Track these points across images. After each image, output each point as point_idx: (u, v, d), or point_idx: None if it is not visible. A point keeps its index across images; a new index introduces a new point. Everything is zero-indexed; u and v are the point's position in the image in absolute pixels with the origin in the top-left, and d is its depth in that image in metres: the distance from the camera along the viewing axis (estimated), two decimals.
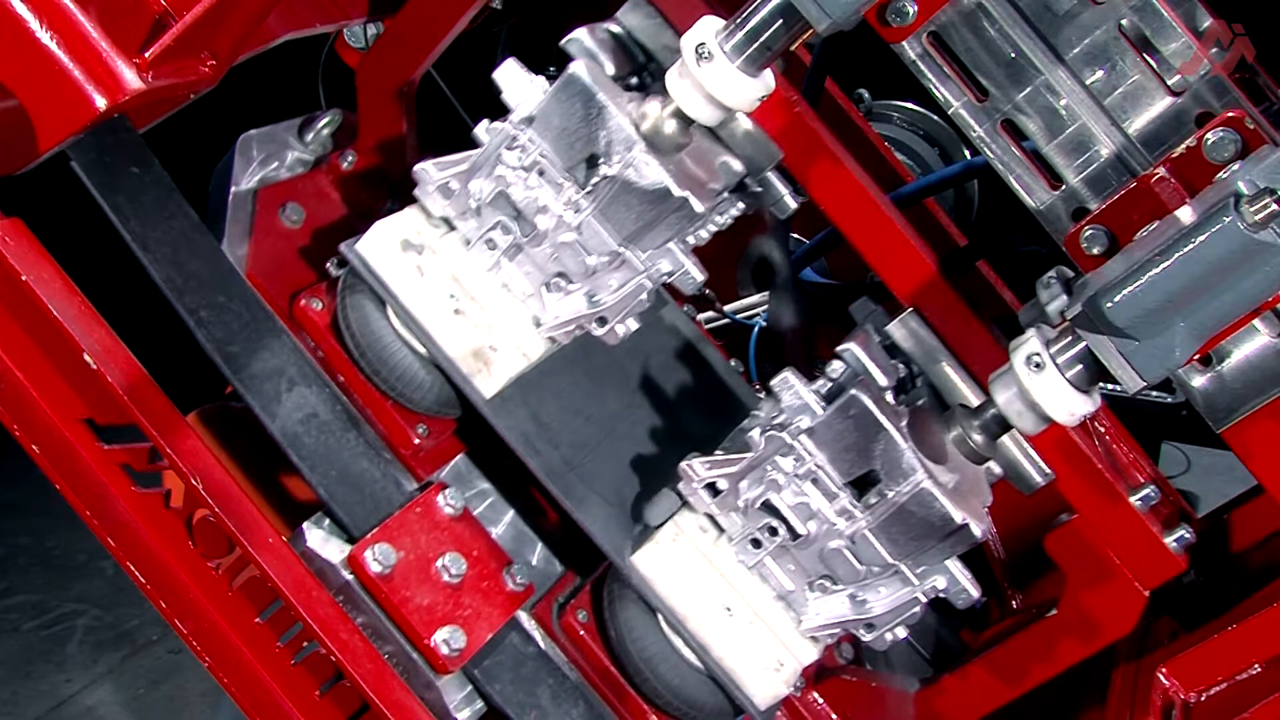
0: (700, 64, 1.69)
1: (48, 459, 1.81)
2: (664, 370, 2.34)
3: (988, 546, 2.62)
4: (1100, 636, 1.98)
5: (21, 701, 2.05)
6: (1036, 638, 2.03)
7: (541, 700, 1.89)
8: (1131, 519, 1.93)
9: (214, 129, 2.27)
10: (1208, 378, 1.85)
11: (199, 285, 1.87)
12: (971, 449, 1.82)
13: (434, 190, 1.95)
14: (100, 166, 1.83)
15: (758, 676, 1.94)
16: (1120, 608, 1.96)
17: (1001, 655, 2.07)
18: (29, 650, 2.34)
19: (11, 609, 2.33)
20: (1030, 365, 1.66)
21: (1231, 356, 1.82)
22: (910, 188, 2.38)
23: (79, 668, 2.41)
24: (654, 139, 1.75)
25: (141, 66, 1.71)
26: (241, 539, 1.70)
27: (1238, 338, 1.81)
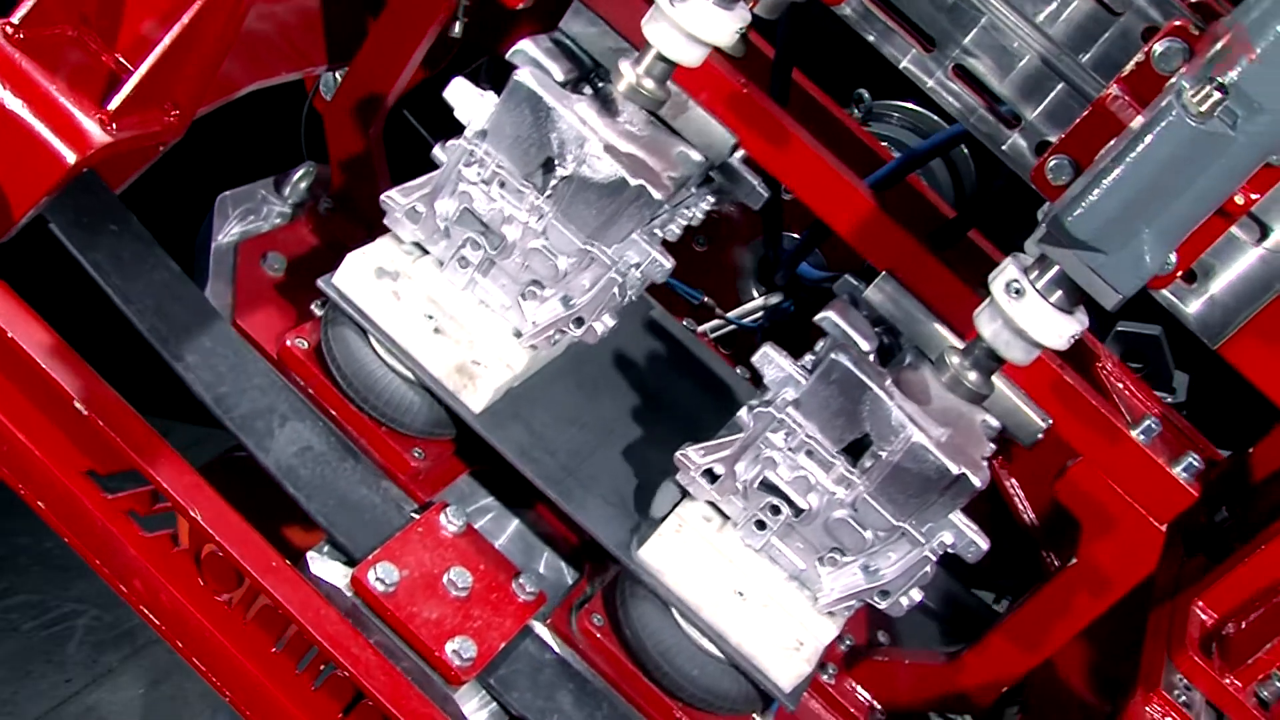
0: (675, 4, 1.70)
1: (54, 514, 1.84)
2: (658, 374, 2.35)
3: (1018, 513, 2.59)
4: (1123, 579, 1.95)
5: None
6: (1058, 590, 2.00)
7: (563, 705, 1.88)
8: (1135, 453, 1.90)
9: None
10: (1201, 301, 1.83)
11: (183, 333, 1.91)
12: (968, 389, 1.78)
13: (402, 216, 1.99)
14: (78, 226, 1.90)
15: (778, 658, 1.92)
16: (1139, 546, 1.92)
17: (1025, 615, 2.03)
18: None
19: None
20: (1010, 293, 1.64)
21: (1217, 271, 1.81)
22: (888, 167, 2.38)
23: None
24: (634, 97, 1.76)
25: (105, 120, 1.77)
26: (244, 565, 1.72)
27: (1221, 251, 1.79)
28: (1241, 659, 1.82)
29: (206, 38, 1.81)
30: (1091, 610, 1.98)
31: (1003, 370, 1.94)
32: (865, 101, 3.48)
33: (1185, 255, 1.68)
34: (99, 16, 1.84)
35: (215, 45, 1.83)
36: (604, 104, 1.95)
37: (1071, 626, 2.00)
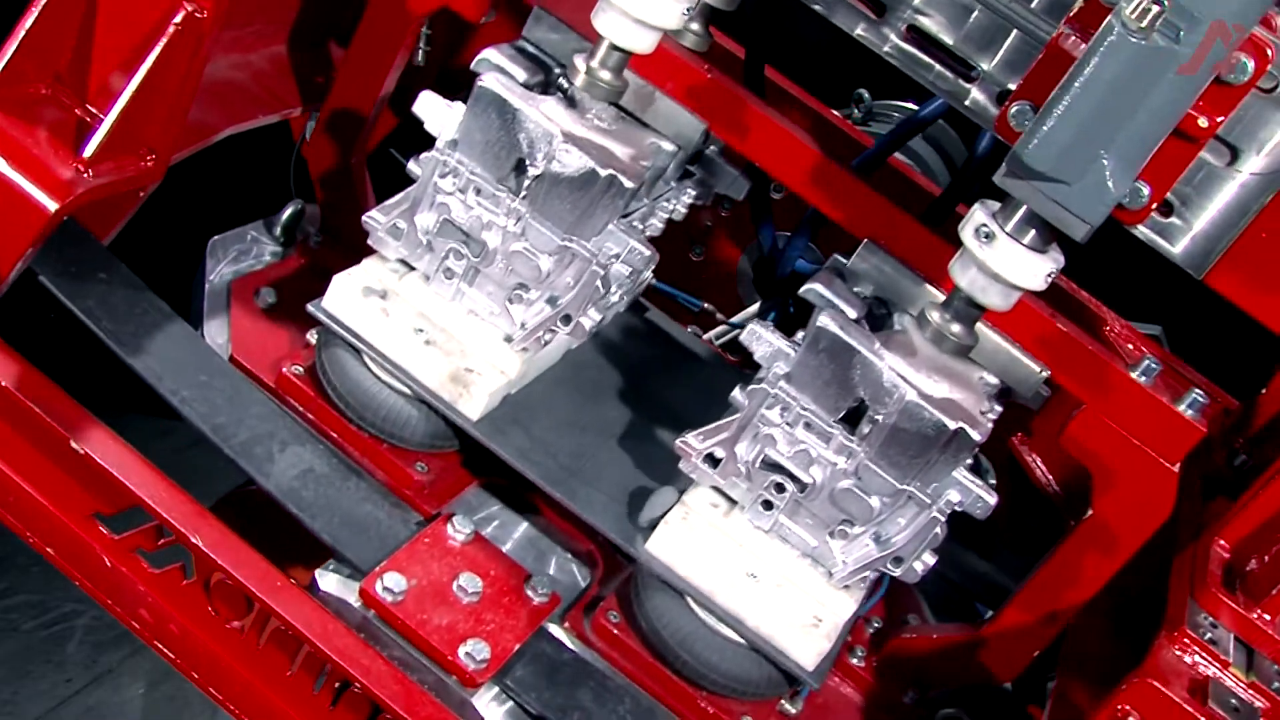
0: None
1: (64, 559, 1.87)
2: (658, 376, 2.35)
3: (1044, 486, 2.55)
4: (1140, 526, 1.91)
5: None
6: (1077, 545, 1.96)
7: (584, 702, 1.86)
8: (1138, 394, 1.87)
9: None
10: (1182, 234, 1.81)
11: (177, 369, 1.94)
12: (952, 341, 1.76)
13: (384, 235, 2.02)
14: (67, 276, 1.94)
15: (797, 636, 1.90)
16: (1152, 490, 1.89)
17: (1047, 574, 1.99)
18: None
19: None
20: (981, 237, 1.64)
21: (1193, 200, 1.78)
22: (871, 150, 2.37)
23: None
24: (593, 89, 1.78)
25: (81, 168, 1.83)
26: (248, 586, 1.73)
27: (1195, 179, 1.77)
28: (1265, 591, 1.78)
29: (169, 85, 1.86)
30: (1112, 562, 1.94)
31: (996, 327, 1.93)
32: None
33: (1157, 185, 1.67)
34: (70, 73, 1.90)
35: (179, 92, 1.87)
36: (570, 103, 1.97)
37: (1094, 580, 1.96)
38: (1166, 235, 1.83)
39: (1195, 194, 1.78)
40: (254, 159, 2.48)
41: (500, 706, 1.86)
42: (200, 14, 1.81)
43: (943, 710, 2.17)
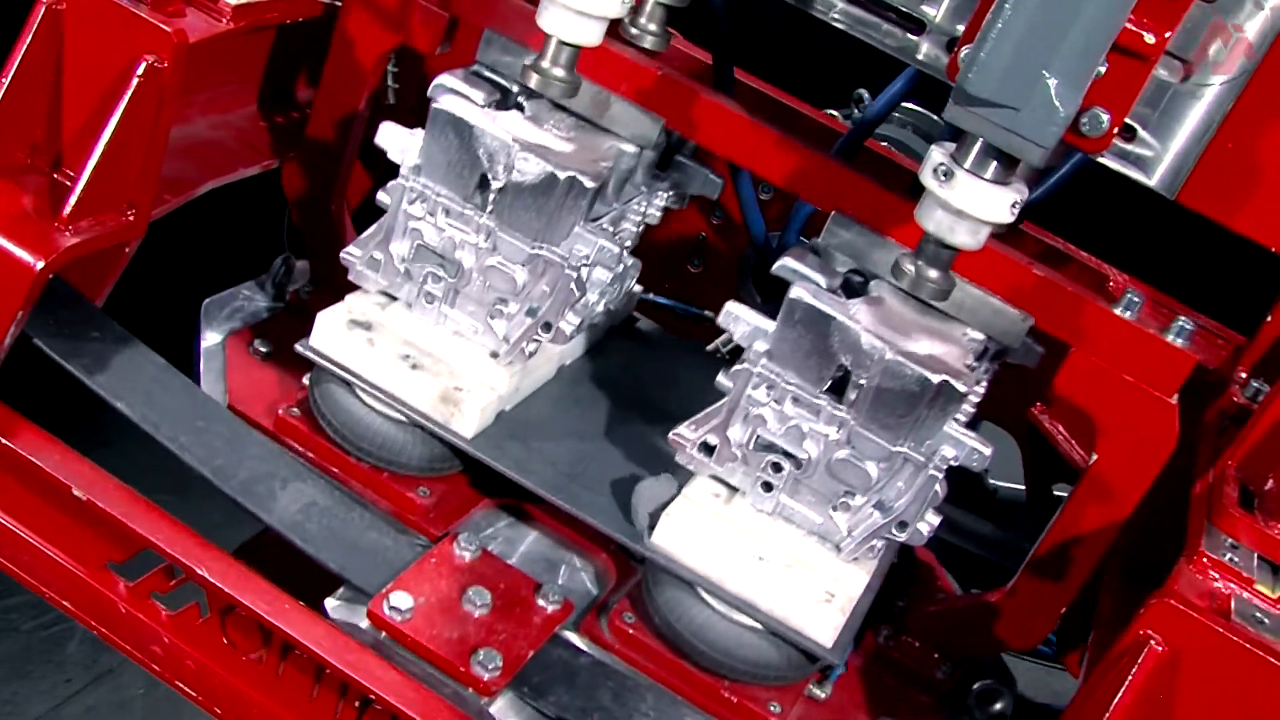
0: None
1: (83, 612, 1.89)
2: (655, 382, 2.36)
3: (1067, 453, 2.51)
4: (1146, 464, 1.87)
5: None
6: (1084, 494, 1.93)
7: (604, 702, 1.84)
8: (1124, 329, 1.85)
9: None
10: (1151, 160, 1.80)
11: (175, 417, 1.97)
12: (931, 287, 1.72)
13: (363, 268, 2.06)
14: (61, 337, 1.99)
15: (811, 614, 1.87)
16: (1153, 425, 1.86)
17: (1062, 526, 1.96)
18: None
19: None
20: (940, 177, 1.63)
21: (1154, 120, 1.78)
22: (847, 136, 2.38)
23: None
24: (548, 88, 1.80)
25: (61, 226, 1.88)
26: (256, 610, 1.74)
27: (1153, 99, 1.77)
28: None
29: (139, 138, 1.91)
30: (1124, 506, 1.91)
31: (974, 281, 1.92)
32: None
33: (1115, 109, 1.67)
34: (46, 139, 1.96)
35: (149, 144, 1.92)
36: (527, 116, 2.02)
37: (1109, 527, 1.93)
38: (1137, 164, 1.82)
39: (1157, 115, 1.78)
40: (261, 216, 2.54)
41: (519, 715, 1.84)
42: (160, 64, 1.87)
43: (979, 682, 2.12)
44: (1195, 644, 1.55)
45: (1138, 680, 1.55)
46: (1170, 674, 1.57)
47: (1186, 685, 1.57)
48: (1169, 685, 1.57)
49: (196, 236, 2.24)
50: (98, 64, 1.89)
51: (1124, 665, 1.57)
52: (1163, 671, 1.56)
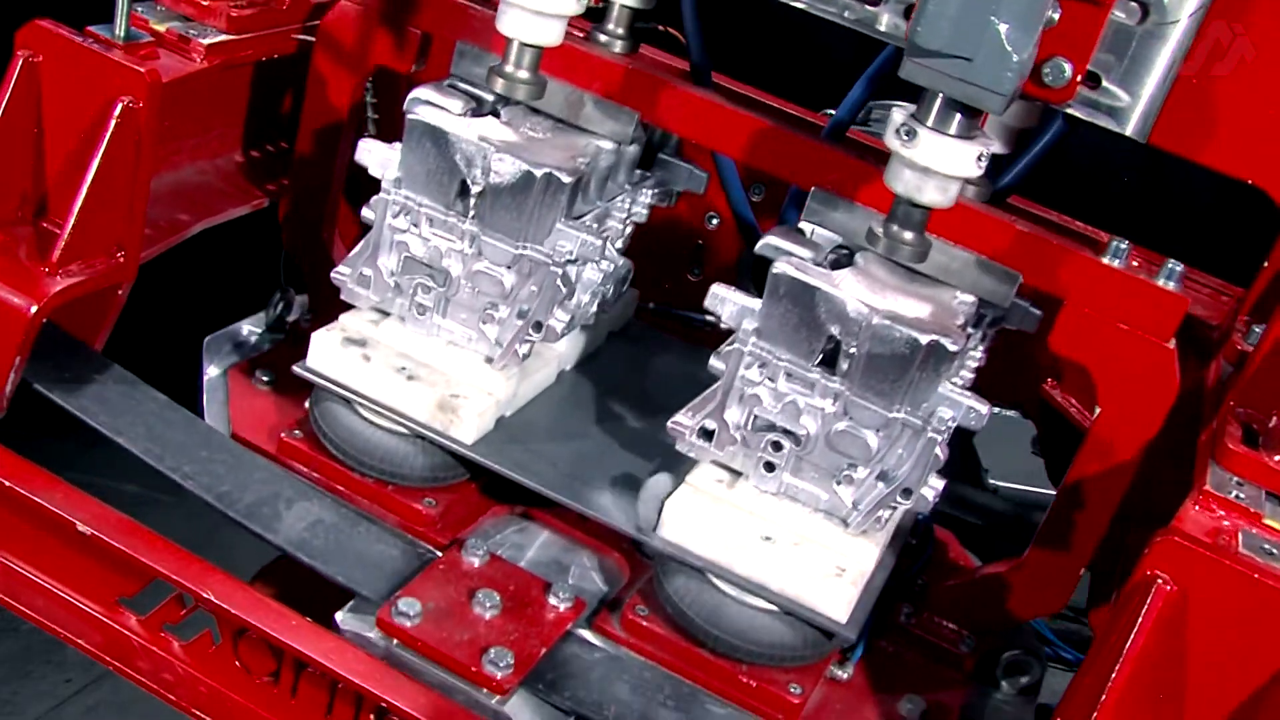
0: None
1: (100, 651, 1.90)
2: (656, 381, 2.36)
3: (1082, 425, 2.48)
4: (1149, 412, 1.85)
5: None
6: (1091, 450, 1.90)
7: (621, 695, 1.83)
8: (1114, 277, 1.83)
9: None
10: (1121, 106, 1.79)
11: (178, 449, 1.99)
12: (908, 249, 1.70)
13: (354, 286, 2.08)
14: (61, 382, 2.02)
15: (823, 589, 1.86)
16: (1153, 371, 1.84)
17: (1068, 490, 1.93)
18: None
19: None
20: (903, 136, 1.63)
21: (1116, 66, 1.77)
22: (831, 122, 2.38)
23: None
24: (513, 91, 1.83)
25: (51, 270, 1.92)
26: (261, 627, 1.75)
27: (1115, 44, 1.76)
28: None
29: (121, 179, 1.95)
30: (1132, 455, 1.88)
31: (958, 243, 1.91)
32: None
33: (1075, 57, 1.68)
34: (33, 190, 2.01)
35: (132, 184, 1.96)
36: (503, 122, 2.04)
37: (1118, 481, 1.90)
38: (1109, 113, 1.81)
39: (1123, 62, 1.77)
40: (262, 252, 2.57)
41: (535, 715, 1.83)
42: (136, 105, 1.91)
43: (1006, 653, 2.09)
44: (1202, 579, 1.52)
45: (1148, 621, 1.52)
46: (1181, 613, 1.54)
47: (1198, 623, 1.53)
48: (1180, 624, 1.54)
49: (201, 275, 2.26)
50: (76, 111, 1.93)
51: (1134, 608, 1.54)
52: (1173, 611, 1.53)
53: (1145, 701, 1.56)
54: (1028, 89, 1.74)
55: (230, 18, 2.16)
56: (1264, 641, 1.50)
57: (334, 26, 2.16)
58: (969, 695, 2.06)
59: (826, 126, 2.30)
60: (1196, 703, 1.56)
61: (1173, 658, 1.55)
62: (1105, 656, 1.56)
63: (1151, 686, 1.56)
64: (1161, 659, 1.55)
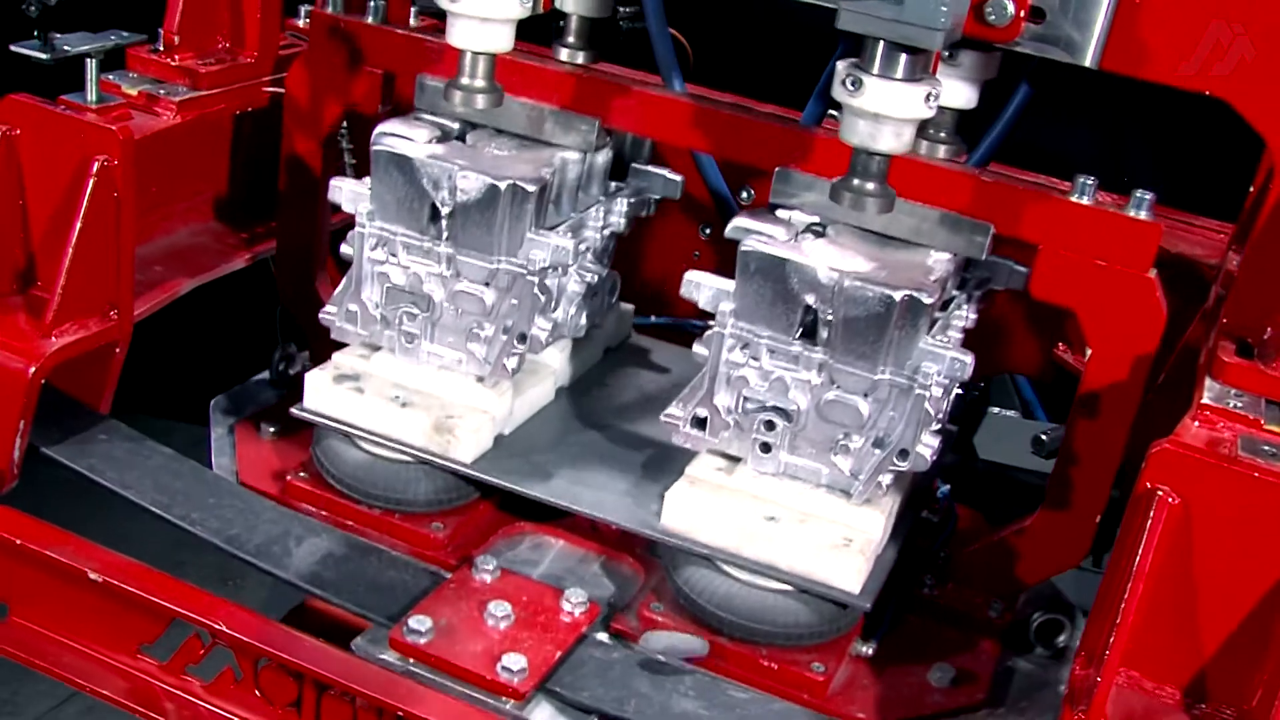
0: (454, 2, 1.80)
1: (128, 699, 1.91)
2: (656, 388, 2.36)
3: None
4: (1140, 344, 1.83)
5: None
6: (1088, 392, 1.88)
7: (641, 689, 1.80)
8: (1085, 214, 1.83)
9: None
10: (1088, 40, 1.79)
11: (185, 498, 2.02)
12: (873, 200, 1.68)
13: (342, 323, 2.11)
14: (68, 444, 2.06)
15: (832, 561, 1.83)
16: (1137, 304, 1.82)
17: (1071, 438, 1.91)
18: None
19: None
20: (849, 87, 1.63)
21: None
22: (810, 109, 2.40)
23: None
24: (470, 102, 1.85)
25: (45, 333, 1.97)
26: (271, 650, 1.75)
27: None
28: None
29: (106, 238, 2.01)
30: (1130, 395, 1.85)
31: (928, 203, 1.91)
32: None
33: None
34: (23, 262, 2.07)
35: (117, 242, 2.02)
36: (468, 145, 2.08)
37: (1120, 420, 1.87)
38: (1059, 45, 1.81)
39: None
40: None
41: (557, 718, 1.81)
42: (111, 163, 1.96)
43: (1038, 617, 2.05)
44: (1203, 486, 1.49)
45: (1154, 537, 1.49)
46: (1186, 524, 1.50)
47: (1205, 531, 1.50)
48: (1187, 535, 1.51)
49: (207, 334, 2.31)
50: (55, 176, 1.99)
51: (1138, 524, 1.51)
52: (1178, 523, 1.50)
53: (1162, 617, 1.53)
54: (972, 30, 1.76)
55: (198, 75, 2.23)
56: (1272, 537, 1.47)
57: (297, 78, 2.23)
58: (1001, 660, 2.01)
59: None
60: (1213, 611, 1.52)
61: (1184, 570, 1.52)
62: (1117, 579, 1.53)
63: (1167, 602, 1.53)
64: (1173, 573, 1.52)
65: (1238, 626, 1.52)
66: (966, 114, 2.03)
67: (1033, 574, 2.02)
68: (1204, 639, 1.55)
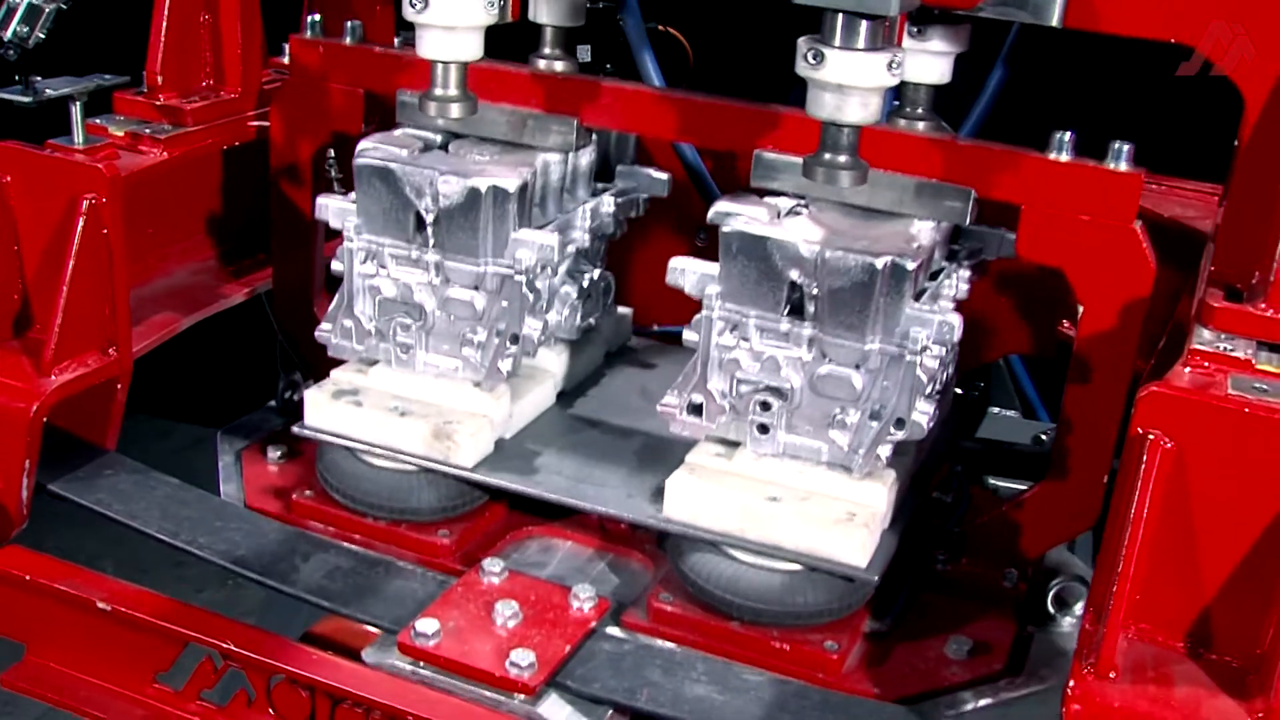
0: (420, 13, 1.82)
1: None
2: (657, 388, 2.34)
3: None
4: (1130, 296, 1.81)
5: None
6: (1084, 349, 1.86)
7: (653, 678, 1.79)
8: (1064, 171, 1.82)
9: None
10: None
11: (192, 524, 2.04)
12: (847, 174, 1.68)
13: (338, 340, 2.13)
14: (75, 481, 2.09)
15: (837, 536, 1.82)
16: (1123, 255, 1.81)
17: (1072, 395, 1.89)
18: None
19: None
20: (811, 61, 1.64)
21: None
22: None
23: None
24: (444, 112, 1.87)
25: (44, 371, 1.99)
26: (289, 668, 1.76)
27: None
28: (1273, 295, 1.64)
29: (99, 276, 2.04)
30: (1125, 349, 1.84)
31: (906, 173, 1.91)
32: None
33: None
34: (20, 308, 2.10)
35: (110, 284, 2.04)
36: (450, 154, 2.10)
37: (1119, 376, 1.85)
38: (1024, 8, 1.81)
39: None
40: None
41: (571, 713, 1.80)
42: (100, 201, 1.99)
43: (1055, 582, 2.02)
44: (1193, 426, 1.47)
45: (1148, 481, 1.47)
46: (1180, 466, 1.48)
47: (1199, 472, 1.48)
48: (1183, 478, 1.49)
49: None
50: (46, 219, 2.03)
51: (1132, 471, 1.49)
52: (1172, 466, 1.48)
53: (1166, 566, 1.51)
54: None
55: (183, 112, 2.27)
56: (1268, 474, 1.44)
57: (281, 106, 2.26)
58: (1020, 630, 1.99)
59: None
60: (1216, 556, 1.49)
61: (1184, 516, 1.50)
62: (1117, 528, 1.51)
63: (1169, 550, 1.51)
64: (1173, 519, 1.49)
65: (1242, 569, 1.49)
66: (945, 101, 2.03)
67: (1044, 541, 2.00)
68: (1209, 586, 1.52)
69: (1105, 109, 3.21)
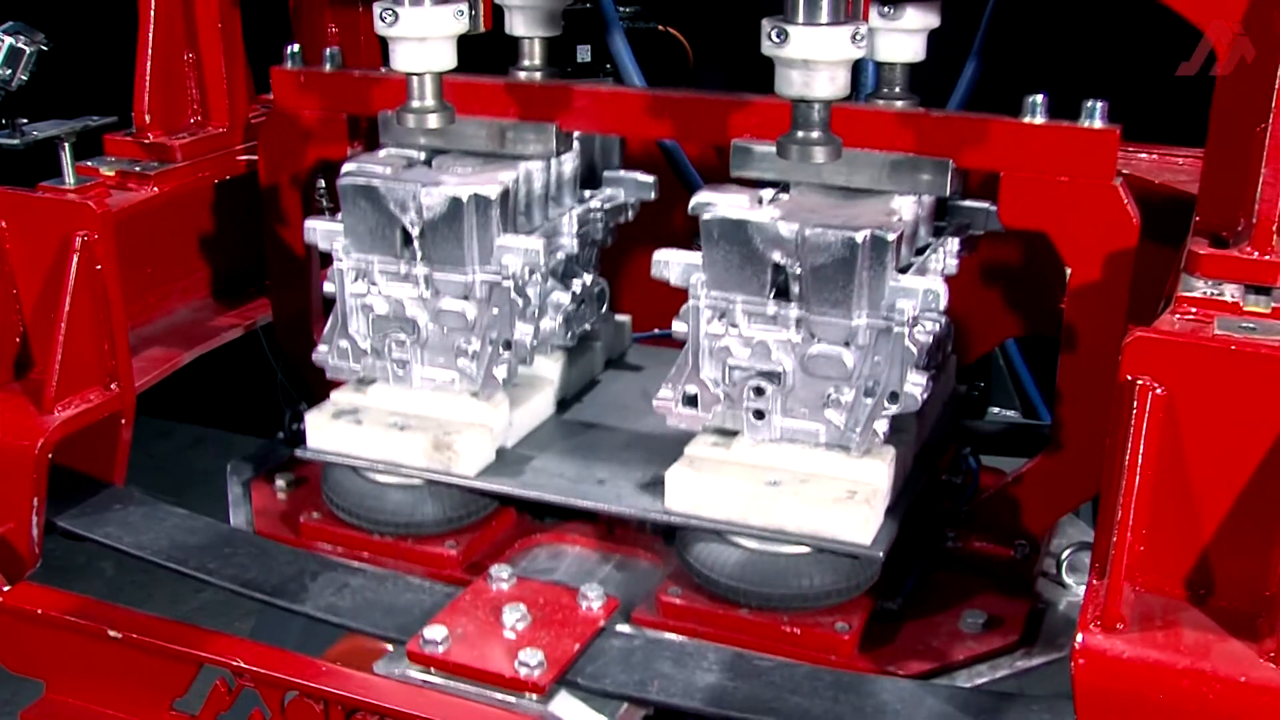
0: (389, 26, 1.84)
1: None
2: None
3: None
4: (1115, 252, 1.80)
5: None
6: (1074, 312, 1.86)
7: (663, 670, 1.78)
8: (1039, 133, 1.82)
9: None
10: None
11: (200, 551, 2.05)
12: (821, 149, 1.68)
13: (335, 361, 2.14)
14: (84, 516, 2.10)
15: (840, 515, 1.81)
16: (1104, 213, 1.80)
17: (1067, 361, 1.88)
18: None
19: None
20: (776, 39, 1.64)
21: None
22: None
23: None
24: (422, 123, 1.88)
25: (47, 408, 2.01)
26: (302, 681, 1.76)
27: None
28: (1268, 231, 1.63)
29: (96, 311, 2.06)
30: (1115, 310, 1.82)
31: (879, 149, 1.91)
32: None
33: None
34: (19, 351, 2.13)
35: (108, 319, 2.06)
36: (433, 168, 2.12)
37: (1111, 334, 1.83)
38: None
39: None
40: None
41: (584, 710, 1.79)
42: (93, 237, 2.02)
43: (1065, 551, 2.00)
44: (1181, 368, 1.45)
45: (1139, 427, 1.45)
46: (1171, 411, 1.46)
47: (1191, 416, 1.46)
48: (1174, 424, 1.47)
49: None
50: (40, 259, 2.05)
51: (1124, 419, 1.48)
52: (1163, 411, 1.46)
53: (1166, 514, 1.49)
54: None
55: (172, 149, 2.30)
56: (1260, 412, 1.42)
57: (268, 137, 2.29)
58: (1034, 600, 1.97)
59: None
60: (1214, 500, 1.47)
61: (1178, 462, 1.47)
62: (1113, 480, 1.49)
63: (1167, 498, 1.48)
64: (1168, 466, 1.47)
65: (1241, 512, 1.47)
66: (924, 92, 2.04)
67: (1051, 511, 1.98)
68: (1210, 531, 1.50)
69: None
